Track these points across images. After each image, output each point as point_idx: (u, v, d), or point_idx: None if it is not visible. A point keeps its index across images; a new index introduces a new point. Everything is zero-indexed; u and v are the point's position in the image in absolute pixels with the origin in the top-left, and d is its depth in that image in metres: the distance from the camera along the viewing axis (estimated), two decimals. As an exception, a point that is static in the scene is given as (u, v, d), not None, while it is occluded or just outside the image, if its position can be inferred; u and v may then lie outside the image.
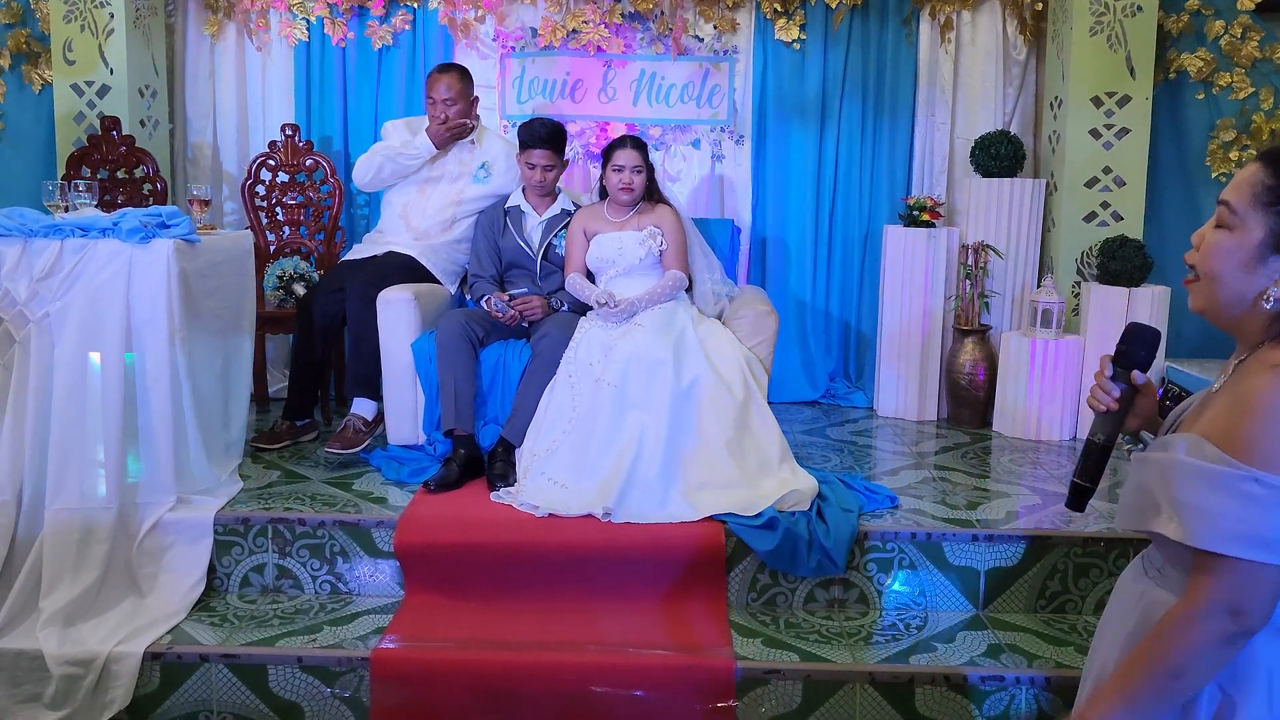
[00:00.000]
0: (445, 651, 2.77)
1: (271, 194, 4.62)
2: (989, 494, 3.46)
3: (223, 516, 3.12)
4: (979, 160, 4.45)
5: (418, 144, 4.00)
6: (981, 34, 4.72)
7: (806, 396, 4.80)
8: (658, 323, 3.50)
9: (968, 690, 2.70)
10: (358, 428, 3.67)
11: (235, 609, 3.03)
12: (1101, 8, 4.23)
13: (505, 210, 3.93)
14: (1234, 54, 4.41)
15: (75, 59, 4.42)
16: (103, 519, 2.99)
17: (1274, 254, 1.32)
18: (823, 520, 3.08)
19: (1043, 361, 4.13)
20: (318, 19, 4.72)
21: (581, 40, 4.69)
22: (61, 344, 3.00)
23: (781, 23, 4.67)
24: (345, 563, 3.13)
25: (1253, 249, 1.32)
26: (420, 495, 3.31)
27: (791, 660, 2.75)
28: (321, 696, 2.75)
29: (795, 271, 4.84)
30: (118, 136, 4.38)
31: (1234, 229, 1.34)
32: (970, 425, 4.38)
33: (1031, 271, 4.48)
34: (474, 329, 3.58)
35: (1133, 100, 4.28)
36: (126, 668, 2.73)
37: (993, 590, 3.07)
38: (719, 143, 4.79)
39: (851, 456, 3.90)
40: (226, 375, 3.47)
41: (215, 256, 3.36)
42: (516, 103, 4.77)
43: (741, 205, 4.82)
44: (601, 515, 3.13)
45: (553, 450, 3.34)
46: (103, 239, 3.05)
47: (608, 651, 2.78)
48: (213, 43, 4.80)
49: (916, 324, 4.44)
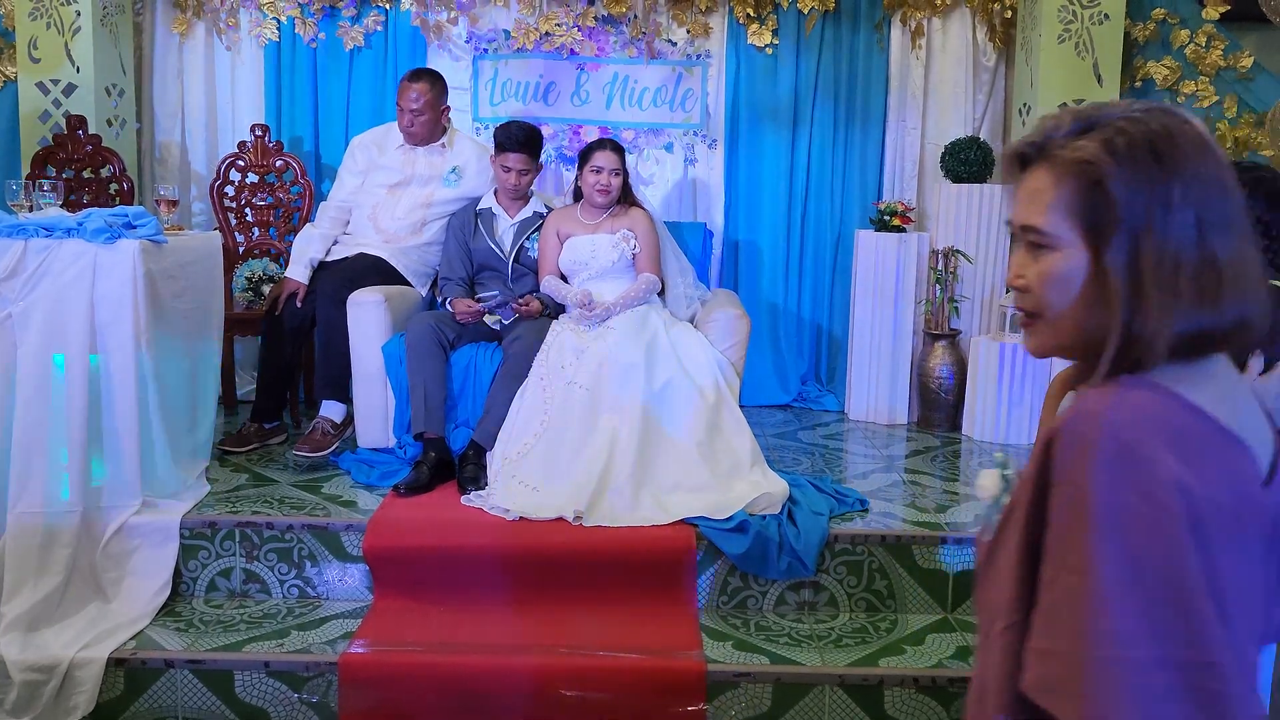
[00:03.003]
0: (414, 655, 2.76)
1: (240, 195, 4.58)
2: (958, 497, 3.48)
3: (189, 520, 3.09)
4: (949, 166, 4.48)
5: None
6: (952, 40, 4.76)
7: (778, 400, 4.81)
8: (630, 326, 3.50)
9: (937, 692, 2.71)
10: (326, 430, 3.65)
11: (201, 614, 3.00)
12: (1070, 15, 4.28)
13: (477, 213, 3.91)
14: (1199, 62, 4.47)
15: (40, 57, 4.36)
16: (66, 523, 2.95)
17: None
18: (793, 523, 3.09)
19: (1012, 365, 4.17)
20: (288, 19, 4.69)
21: (554, 43, 4.69)
22: (25, 345, 2.96)
23: (754, 28, 4.69)
24: (314, 567, 3.10)
25: None
26: (390, 498, 3.29)
27: (761, 663, 2.75)
28: (289, 702, 2.73)
29: (767, 275, 4.85)
30: (84, 135, 4.33)
31: None
32: (940, 429, 4.41)
33: (1001, 276, 4.51)
34: (444, 331, 3.56)
35: (1100, 107, 4.32)
36: (90, 674, 2.69)
37: (961, 593, 3.09)
38: (692, 146, 4.80)
39: (822, 460, 3.91)
40: (194, 377, 3.44)
41: (183, 257, 3.32)
42: (489, 105, 4.76)
43: (714, 209, 4.83)
44: (573, 518, 3.12)
45: (524, 453, 3.33)
46: (67, 239, 3.01)
47: (578, 654, 2.77)
48: (181, 41, 4.76)
49: (887, 328, 4.47)
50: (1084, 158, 0.99)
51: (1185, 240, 0.96)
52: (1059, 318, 1.04)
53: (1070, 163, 1.00)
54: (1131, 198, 0.97)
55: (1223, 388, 1.00)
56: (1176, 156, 0.97)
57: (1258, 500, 0.99)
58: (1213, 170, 0.98)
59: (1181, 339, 0.97)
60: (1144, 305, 0.96)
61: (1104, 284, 0.98)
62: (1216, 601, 0.91)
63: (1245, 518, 0.97)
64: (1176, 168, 0.97)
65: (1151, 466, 0.91)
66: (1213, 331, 0.97)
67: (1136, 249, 0.97)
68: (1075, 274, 1.01)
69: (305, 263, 3.89)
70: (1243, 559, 0.96)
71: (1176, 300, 0.96)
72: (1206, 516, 0.92)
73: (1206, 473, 0.93)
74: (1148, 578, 0.89)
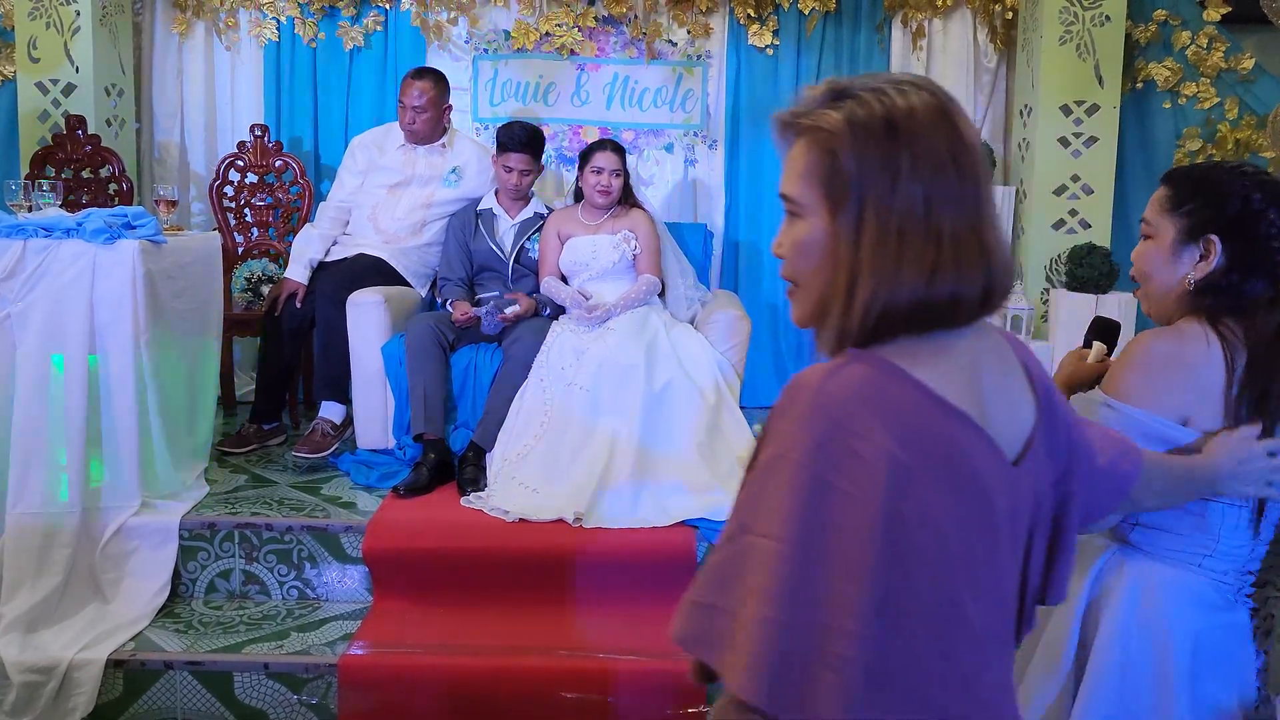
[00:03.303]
0: (414, 657, 2.75)
1: (240, 195, 4.57)
2: (959, 499, 3.47)
3: (188, 521, 3.08)
4: (950, 167, 4.47)
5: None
6: (953, 41, 4.75)
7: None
8: (630, 327, 3.50)
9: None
10: (326, 431, 3.64)
11: (201, 615, 2.99)
12: (1071, 17, 4.27)
13: (477, 213, 3.91)
14: (1200, 64, 4.46)
15: (40, 57, 4.35)
16: (65, 524, 2.94)
17: (1185, 245, 1.60)
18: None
19: (1012, 367, 4.15)
20: (288, 19, 4.68)
21: (555, 43, 4.68)
22: (24, 345, 2.95)
23: (755, 28, 4.68)
24: (313, 568, 3.09)
25: (1169, 246, 1.62)
26: (389, 500, 3.28)
27: (762, 665, 2.74)
28: (288, 703, 2.72)
29: (768, 276, 4.84)
30: (83, 136, 4.32)
31: (1153, 237, 1.64)
32: (940, 430, 4.39)
33: (1001, 278, 4.51)
34: (444, 332, 3.55)
35: (1101, 109, 4.33)
36: (89, 675, 2.69)
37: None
38: (692, 147, 4.79)
39: (823, 461, 3.90)
40: (193, 378, 3.43)
41: (182, 258, 3.32)
42: (489, 105, 4.75)
43: (714, 210, 4.82)
44: (573, 520, 3.11)
45: (524, 455, 3.32)
46: (67, 239, 3.00)
47: (578, 657, 2.76)
48: (181, 41, 4.75)
49: (887, 329, 4.46)
50: (823, 126, 1.01)
51: (910, 213, 0.97)
52: (807, 285, 1.05)
53: (814, 131, 1.02)
54: (861, 168, 0.98)
55: (958, 366, 1.01)
56: (914, 132, 0.98)
57: (1001, 479, 1.01)
58: (949, 149, 0.99)
59: (898, 309, 0.98)
60: (864, 273, 0.98)
61: (835, 251, 1.00)
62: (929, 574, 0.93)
63: (976, 494, 0.98)
64: (911, 143, 0.98)
65: (858, 440, 0.92)
66: (927, 305, 0.98)
67: (861, 218, 0.98)
68: (817, 241, 1.02)
69: (305, 263, 3.89)
70: (977, 535, 0.97)
71: (896, 271, 0.97)
72: (919, 491, 0.93)
73: (923, 447, 0.94)
74: (838, 548, 0.91)
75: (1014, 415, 1.07)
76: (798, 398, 0.97)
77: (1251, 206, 1.56)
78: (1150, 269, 1.64)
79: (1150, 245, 1.64)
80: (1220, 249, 1.57)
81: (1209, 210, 1.58)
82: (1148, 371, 1.56)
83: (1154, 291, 1.65)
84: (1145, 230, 1.66)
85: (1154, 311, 1.67)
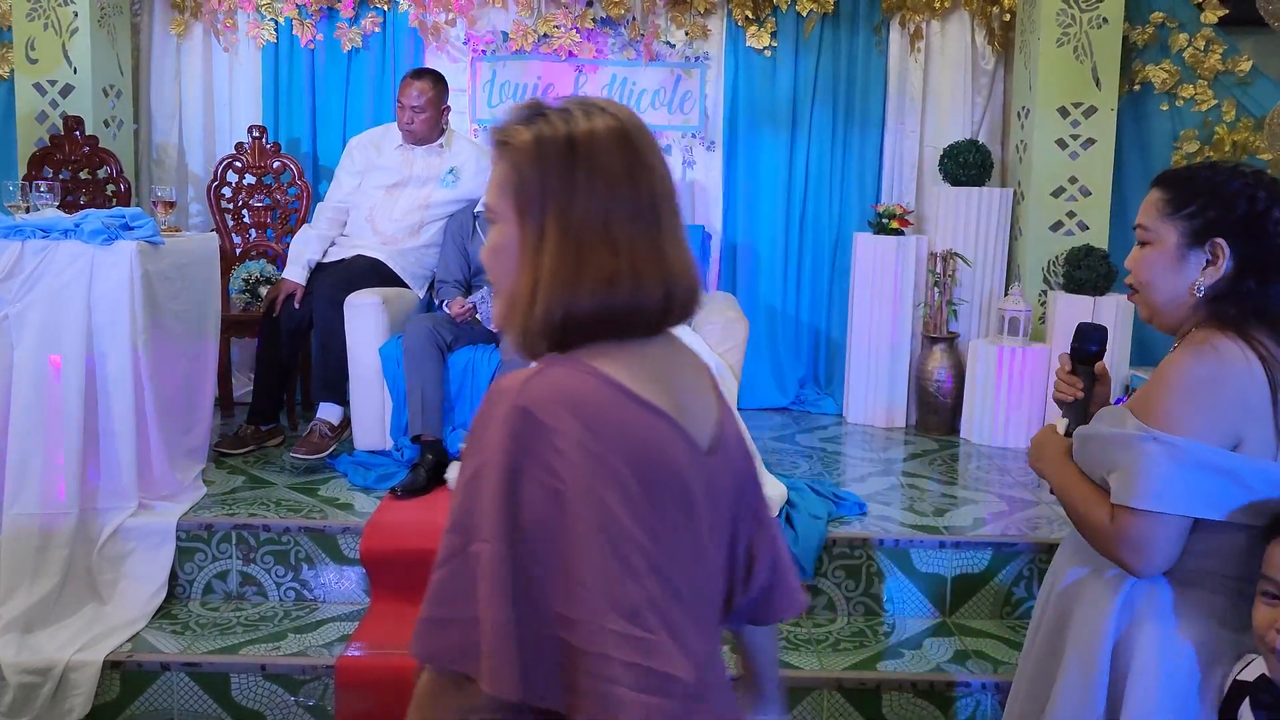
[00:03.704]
0: (411, 659, 2.74)
1: (238, 196, 4.57)
2: (956, 501, 3.48)
3: (185, 522, 3.08)
4: (947, 169, 4.48)
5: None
6: (951, 43, 4.75)
7: (776, 403, 4.80)
8: (627, 328, 3.49)
9: (934, 696, 2.71)
10: (324, 433, 3.64)
11: (198, 616, 2.99)
12: (1068, 19, 4.28)
13: (475, 215, 3.91)
14: (1197, 66, 4.47)
15: (38, 58, 4.35)
16: (62, 524, 2.93)
17: (1191, 250, 1.54)
18: (791, 527, 3.08)
19: (1010, 369, 4.17)
20: (286, 20, 4.68)
21: (553, 45, 4.68)
22: (21, 346, 2.95)
23: (753, 30, 4.68)
24: (310, 569, 3.09)
25: (1172, 252, 1.55)
26: (387, 501, 3.28)
27: (759, 667, 2.74)
28: (285, 705, 2.72)
29: (765, 278, 4.85)
30: (81, 136, 4.32)
31: (1153, 243, 1.57)
32: (938, 432, 4.40)
33: (999, 279, 4.51)
34: (442, 333, 3.55)
35: (1098, 111, 4.33)
36: (86, 676, 2.68)
37: (959, 597, 3.08)
38: (690, 149, 4.79)
39: (820, 463, 3.91)
40: (190, 379, 3.43)
41: (180, 259, 3.31)
42: (487, 106, 4.76)
43: (712, 211, 4.83)
44: (570, 521, 3.11)
45: (521, 456, 3.31)
46: (64, 240, 3.00)
47: (575, 658, 2.76)
48: (179, 43, 4.75)
49: (886, 331, 4.46)
50: (512, 143, 1.09)
51: (589, 225, 1.05)
52: (500, 289, 1.13)
53: (506, 147, 1.10)
54: (544, 182, 1.06)
55: (652, 368, 1.10)
56: (593, 151, 1.05)
57: (697, 466, 1.10)
58: (627, 168, 1.07)
59: (580, 315, 1.05)
60: (545, 279, 1.05)
61: (521, 258, 1.08)
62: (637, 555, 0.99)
63: (672, 479, 1.06)
64: (589, 161, 1.05)
65: (556, 435, 0.99)
66: (607, 311, 1.06)
67: (544, 228, 1.06)
68: (508, 248, 1.09)
69: (303, 264, 3.89)
70: (677, 517, 1.06)
71: (576, 278, 1.05)
72: (616, 479, 1.00)
73: (618, 439, 1.01)
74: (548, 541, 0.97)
75: (704, 412, 1.17)
76: (497, 403, 1.02)
77: (1257, 207, 1.50)
78: (1152, 277, 1.57)
79: (1151, 252, 1.57)
80: (1229, 252, 1.51)
81: (1213, 212, 1.52)
82: (1190, 396, 1.46)
83: (1157, 300, 1.58)
84: (1143, 236, 1.59)
85: (1157, 320, 1.60)
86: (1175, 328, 1.58)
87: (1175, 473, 1.44)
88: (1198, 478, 1.44)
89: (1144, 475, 1.45)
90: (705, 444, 1.14)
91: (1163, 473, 1.44)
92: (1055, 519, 3.24)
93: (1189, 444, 1.43)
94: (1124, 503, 1.47)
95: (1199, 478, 1.44)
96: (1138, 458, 1.46)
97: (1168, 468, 1.44)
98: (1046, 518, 3.28)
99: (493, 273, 1.13)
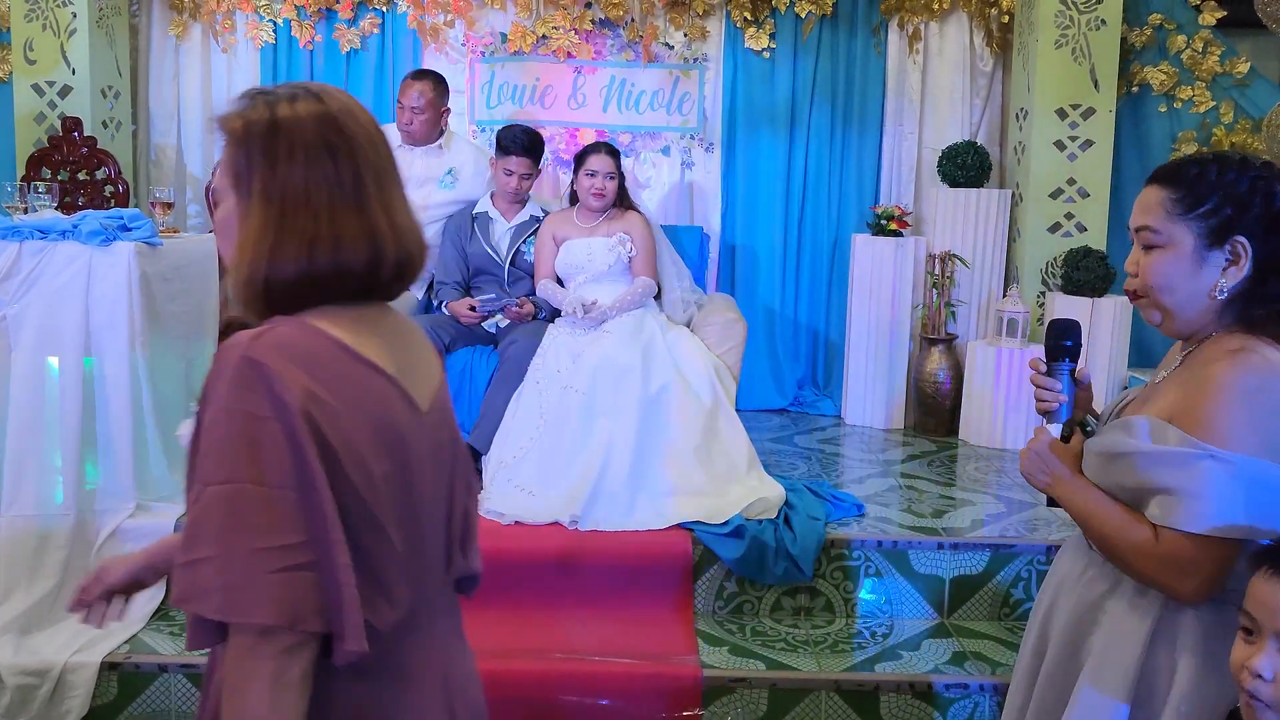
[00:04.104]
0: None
1: (237, 197, 4.56)
2: (954, 502, 3.48)
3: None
4: (946, 170, 4.48)
5: None
6: (949, 45, 4.76)
7: (774, 404, 4.80)
8: (626, 329, 3.50)
9: (932, 698, 2.70)
10: (322, 434, 3.63)
11: (195, 618, 2.98)
12: (1066, 21, 4.28)
13: (473, 216, 3.91)
14: (1195, 68, 4.47)
15: (36, 58, 4.35)
16: (60, 526, 2.93)
17: (1210, 251, 1.45)
18: (790, 528, 3.08)
19: (1008, 370, 4.17)
20: (285, 21, 4.68)
21: (551, 46, 4.69)
22: (19, 348, 2.95)
23: (751, 31, 4.69)
24: (308, 571, 3.08)
25: (1190, 254, 1.45)
26: (385, 502, 3.27)
27: (758, 668, 2.75)
28: (283, 706, 2.71)
29: (764, 279, 4.85)
30: (79, 137, 4.31)
31: (1165, 246, 1.47)
32: (937, 433, 4.40)
33: (997, 281, 4.51)
34: (440, 335, 3.55)
35: (1096, 113, 4.33)
36: (83, 678, 2.68)
37: (957, 598, 3.08)
38: (689, 150, 4.79)
39: (819, 464, 3.91)
40: (189, 380, 3.42)
41: (178, 260, 3.31)
42: (486, 108, 4.76)
43: (711, 213, 4.83)
44: (568, 523, 3.11)
45: (520, 457, 3.32)
46: (62, 241, 2.99)
47: (573, 660, 2.76)
48: (178, 44, 4.75)
49: (884, 332, 4.47)
50: (226, 128, 1.19)
51: (290, 196, 1.14)
52: (228, 259, 1.21)
53: (223, 129, 1.19)
54: (249, 161, 1.16)
55: (375, 330, 1.19)
56: (293, 130, 1.15)
57: (415, 424, 1.19)
58: (326, 143, 1.16)
59: (286, 278, 1.14)
60: (251, 246, 1.15)
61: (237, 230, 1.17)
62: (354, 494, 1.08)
63: (390, 432, 1.14)
64: (290, 138, 1.14)
65: (278, 383, 1.06)
66: (311, 274, 1.14)
67: (250, 202, 1.16)
68: (228, 222, 1.19)
69: None
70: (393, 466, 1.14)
71: (279, 244, 1.13)
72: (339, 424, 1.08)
73: (340, 389, 1.10)
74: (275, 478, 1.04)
75: (426, 375, 1.27)
76: (226, 359, 1.08)
77: (1275, 204, 1.43)
78: (1171, 282, 1.46)
79: (1164, 255, 1.47)
80: (1250, 251, 1.43)
81: (1229, 210, 1.43)
82: (1242, 408, 1.36)
83: (1172, 304, 1.48)
84: (1150, 240, 1.48)
85: (1171, 325, 1.51)
86: (1192, 332, 1.50)
87: (1235, 492, 1.34)
88: (1257, 496, 1.35)
89: (1200, 496, 1.35)
90: (425, 405, 1.23)
91: (1222, 493, 1.35)
92: (1054, 521, 3.24)
93: (1248, 460, 1.34)
94: (1177, 526, 1.37)
95: (1258, 496, 1.35)
96: (1193, 477, 1.36)
97: (1227, 487, 1.35)
98: (1045, 519, 3.28)
99: (221, 248, 1.23)
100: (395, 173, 1.26)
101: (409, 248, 1.22)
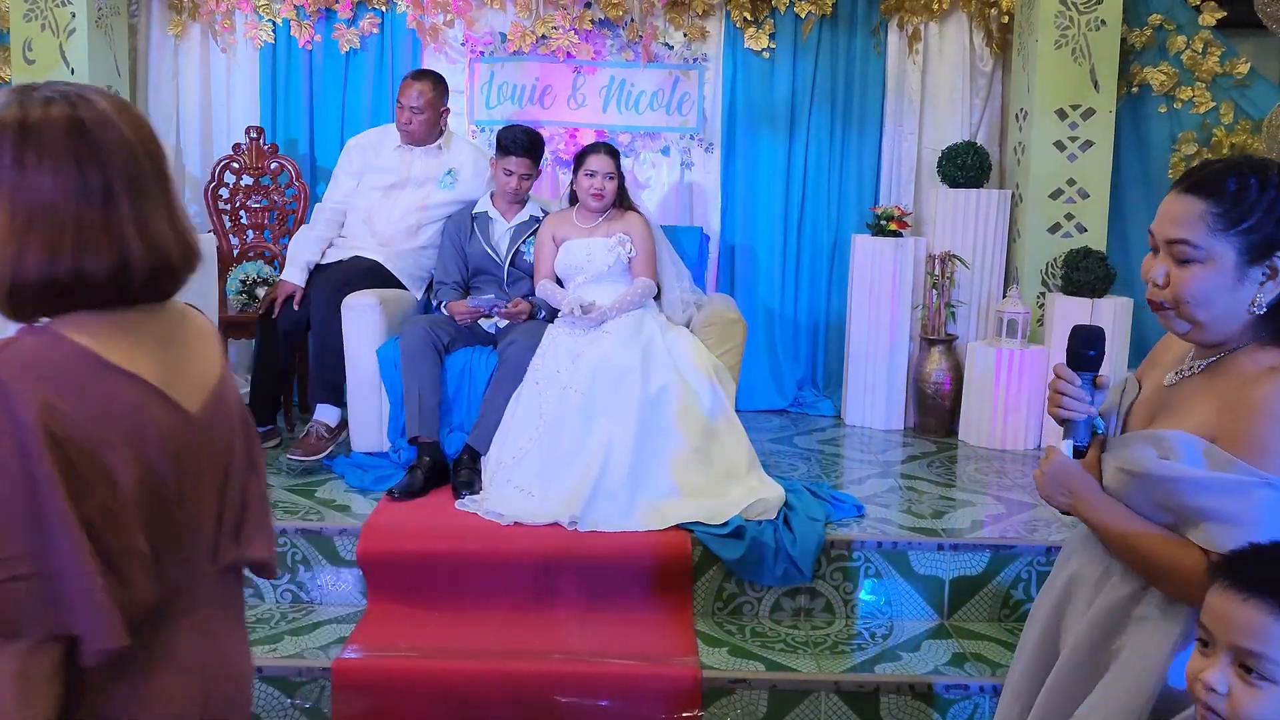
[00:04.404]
0: (408, 661, 2.74)
1: (235, 197, 4.56)
2: (954, 503, 3.47)
3: (182, 524, 3.07)
4: (946, 170, 4.48)
5: None
6: (949, 45, 4.75)
7: (774, 405, 4.80)
8: (626, 330, 3.49)
9: (932, 699, 2.70)
10: (321, 434, 3.63)
11: (194, 618, 2.97)
12: (1066, 21, 4.28)
13: (473, 216, 3.90)
14: (1195, 68, 4.47)
15: (35, 58, 4.34)
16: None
17: (1250, 266, 1.41)
18: (789, 529, 3.08)
19: (1008, 371, 4.16)
20: (284, 21, 4.68)
21: (551, 46, 4.68)
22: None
23: (751, 31, 4.68)
24: (307, 571, 3.08)
25: (1231, 270, 1.42)
26: (384, 503, 3.27)
27: (757, 670, 2.74)
28: (282, 707, 2.71)
29: (764, 280, 4.84)
30: (78, 137, 4.30)
31: (1204, 261, 1.43)
32: (937, 434, 4.40)
33: (997, 281, 4.51)
34: (439, 335, 3.55)
35: (1096, 113, 4.33)
36: (80, 679, 2.67)
37: (957, 599, 3.08)
38: (688, 150, 4.79)
39: (819, 465, 3.90)
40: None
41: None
42: (485, 108, 4.75)
43: (710, 213, 4.82)
44: (567, 524, 3.11)
45: (519, 458, 3.31)
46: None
47: (572, 661, 2.76)
48: (177, 43, 4.75)
49: (884, 333, 4.46)
50: None
51: (36, 203, 1.13)
52: None
53: None
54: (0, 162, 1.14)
55: (134, 336, 1.20)
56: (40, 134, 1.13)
57: (179, 425, 1.20)
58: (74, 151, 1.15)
59: (29, 284, 1.14)
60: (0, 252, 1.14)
61: None
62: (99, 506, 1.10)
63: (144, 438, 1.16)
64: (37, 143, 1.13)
65: (12, 398, 1.07)
66: (52, 280, 1.14)
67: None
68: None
69: (301, 265, 3.88)
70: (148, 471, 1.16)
71: (21, 250, 1.13)
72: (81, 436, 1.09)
73: (84, 402, 1.11)
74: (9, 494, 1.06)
75: (199, 376, 1.27)
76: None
77: None
78: (1209, 297, 1.43)
79: (1205, 271, 1.43)
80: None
81: (1270, 226, 1.40)
82: None
83: (1206, 318, 1.45)
84: (1189, 254, 1.44)
85: (1201, 335, 1.48)
86: (1222, 344, 1.47)
87: None
88: None
89: (1258, 525, 1.32)
90: (194, 405, 1.24)
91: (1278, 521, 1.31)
92: (1054, 521, 3.23)
93: None
94: None
95: None
96: (1249, 506, 1.32)
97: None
98: (1045, 520, 3.27)
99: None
100: (163, 180, 1.23)
101: (166, 257, 1.21)
